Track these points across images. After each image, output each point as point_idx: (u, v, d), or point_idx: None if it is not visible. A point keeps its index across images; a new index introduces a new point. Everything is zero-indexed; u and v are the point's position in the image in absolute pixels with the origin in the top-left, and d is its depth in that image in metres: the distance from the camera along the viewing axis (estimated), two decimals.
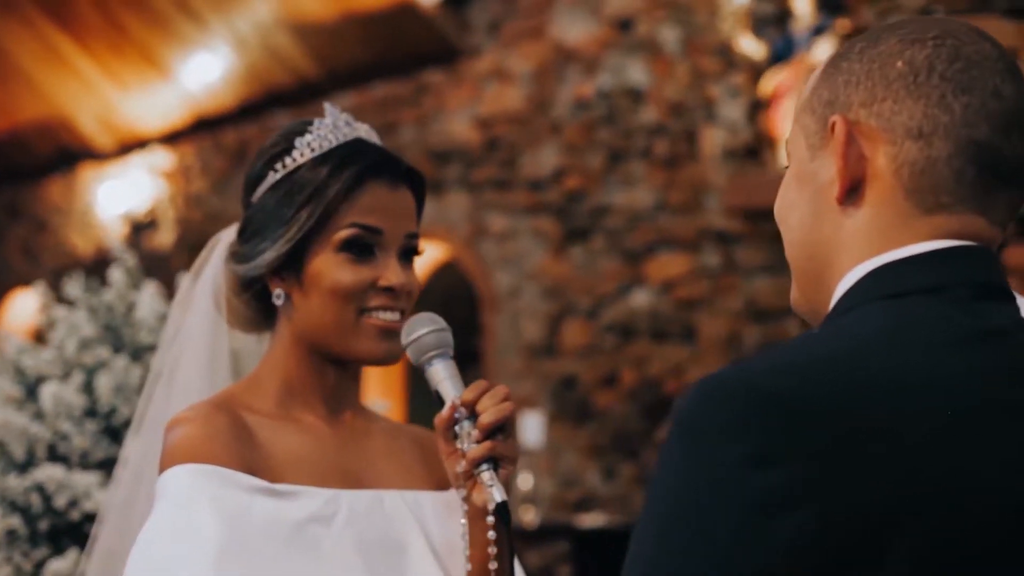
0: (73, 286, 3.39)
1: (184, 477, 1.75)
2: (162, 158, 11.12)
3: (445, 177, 8.88)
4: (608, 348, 8.02)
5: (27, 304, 12.02)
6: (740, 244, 7.53)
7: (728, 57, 7.59)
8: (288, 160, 1.88)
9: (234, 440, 1.79)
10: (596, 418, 8.03)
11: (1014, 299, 1.26)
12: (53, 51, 10.68)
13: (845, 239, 1.27)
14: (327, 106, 1.93)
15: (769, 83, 7.32)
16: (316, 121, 1.90)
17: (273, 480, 1.80)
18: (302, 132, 1.90)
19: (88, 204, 11.69)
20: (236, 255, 1.92)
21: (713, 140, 7.64)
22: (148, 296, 3.30)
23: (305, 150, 1.88)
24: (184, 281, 2.07)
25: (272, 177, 1.88)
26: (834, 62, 1.31)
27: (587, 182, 8.18)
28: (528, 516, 7.82)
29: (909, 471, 1.10)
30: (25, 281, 11.46)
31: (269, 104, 10.18)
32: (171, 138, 11.02)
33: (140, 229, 11.17)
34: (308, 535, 1.77)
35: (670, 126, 7.84)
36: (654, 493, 1.13)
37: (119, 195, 11.40)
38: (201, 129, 10.76)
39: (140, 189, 11.26)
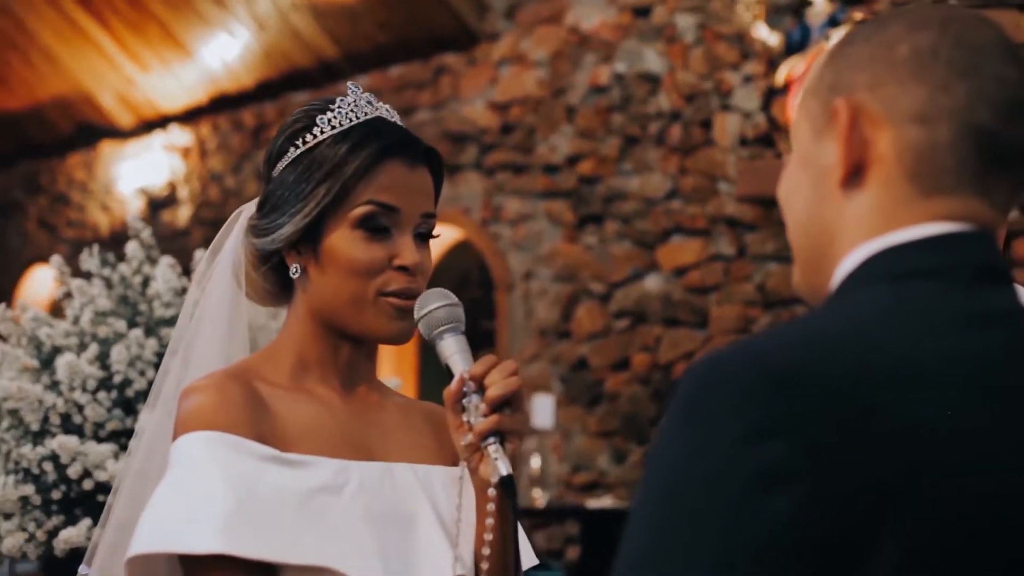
0: (90, 259, 3.44)
1: (196, 444, 1.78)
2: (181, 136, 11.17)
3: (461, 160, 8.91)
4: (620, 332, 8.06)
5: (46, 278, 12.10)
6: (753, 231, 7.54)
7: (744, 45, 7.60)
8: (308, 136, 1.90)
9: (246, 409, 1.82)
10: (606, 401, 8.06)
11: (1013, 282, 1.26)
12: (76, 29, 10.73)
13: (846, 222, 1.26)
14: (350, 85, 1.96)
15: (784, 72, 7.34)
16: (338, 99, 1.93)
17: (285, 450, 1.82)
18: (323, 110, 1.92)
19: (108, 180, 11.75)
20: (255, 229, 1.94)
21: (727, 128, 7.65)
22: (163, 270, 3.35)
23: (325, 127, 1.90)
24: (202, 256, 2.09)
25: (292, 153, 1.91)
26: (840, 47, 1.31)
27: (601, 167, 8.20)
28: (537, 498, 7.87)
29: (909, 452, 1.09)
30: (45, 255, 11.51)
31: (287, 84, 10.21)
32: (190, 116, 11.06)
33: (157, 206, 11.23)
34: (317, 504, 1.79)
35: (685, 113, 7.86)
36: (652, 471, 1.12)
37: (138, 171, 11.45)
38: (220, 108, 10.79)
39: (159, 166, 11.31)
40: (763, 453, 1.07)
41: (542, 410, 8.07)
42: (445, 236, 9.21)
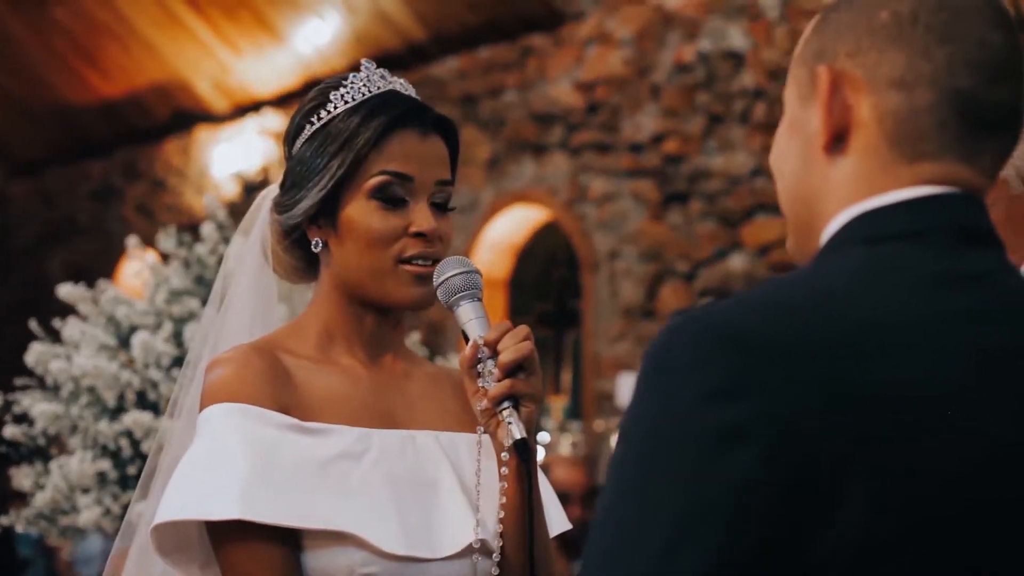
0: (166, 240, 3.54)
1: (219, 414, 1.83)
2: (274, 120, 11.31)
3: (547, 140, 8.94)
4: None
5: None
6: None
7: None
8: (323, 112, 1.95)
9: (269, 381, 1.86)
10: None
11: (1000, 245, 1.26)
12: (171, 16, 10.90)
13: (831, 187, 1.29)
14: (363, 61, 2.01)
15: None
16: (351, 75, 1.98)
17: (307, 419, 1.87)
18: (337, 86, 1.96)
19: (203, 165, 11.93)
20: (278, 206, 2.00)
21: None
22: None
23: (338, 102, 1.94)
24: (236, 237, 2.15)
25: (308, 129, 1.96)
26: (826, 13, 1.33)
27: (686, 146, 8.19)
28: None
29: (873, 415, 1.10)
30: (143, 240, 11.68)
31: (377, 67, 10.27)
32: (283, 101, 11.18)
33: (251, 189, 11.38)
34: (336, 471, 1.84)
35: (769, 90, 7.82)
36: (623, 428, 1.16)
37: (233, 156, 11.62)
38: None
39: (253, 150, 11.46)
40: (720, 413, 1.10)
41: (628, 389, 8.09)
42: (532, 217, 9.27)
